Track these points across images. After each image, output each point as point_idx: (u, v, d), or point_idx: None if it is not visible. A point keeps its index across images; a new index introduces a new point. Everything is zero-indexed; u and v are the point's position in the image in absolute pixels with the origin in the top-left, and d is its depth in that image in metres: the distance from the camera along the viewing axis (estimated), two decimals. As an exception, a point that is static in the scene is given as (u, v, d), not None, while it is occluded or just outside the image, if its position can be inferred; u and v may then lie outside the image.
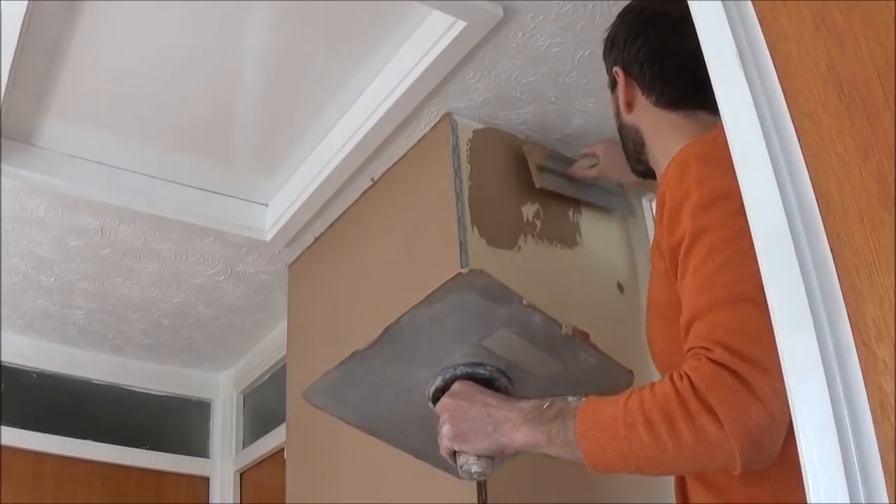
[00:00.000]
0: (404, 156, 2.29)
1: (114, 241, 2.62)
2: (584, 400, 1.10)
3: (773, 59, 0.79)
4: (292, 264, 2.79)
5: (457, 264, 1.96)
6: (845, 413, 0.66)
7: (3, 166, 2.23)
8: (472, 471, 1.18)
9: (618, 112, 1.37)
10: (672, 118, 1.28)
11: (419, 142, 2.23)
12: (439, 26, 1.89)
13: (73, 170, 2.34)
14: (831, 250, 0.70)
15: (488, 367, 1.23)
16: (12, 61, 1.89)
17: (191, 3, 1.88)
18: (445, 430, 1.19)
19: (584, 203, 2.24)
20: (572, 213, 2.23)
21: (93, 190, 2.37)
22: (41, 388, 3.27)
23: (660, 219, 1.16)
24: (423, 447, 1.34)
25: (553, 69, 2.01)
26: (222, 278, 2.88)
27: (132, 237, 2.61)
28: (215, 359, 3.53)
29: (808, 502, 0.66)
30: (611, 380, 1.25)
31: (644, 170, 1.37)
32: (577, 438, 1.06)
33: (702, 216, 1.07)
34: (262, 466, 3.37)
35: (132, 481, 3.31)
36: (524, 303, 1.18)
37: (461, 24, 1.84)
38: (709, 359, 0.99)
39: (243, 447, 3.53)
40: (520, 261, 2.08)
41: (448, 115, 2.13)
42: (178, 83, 2.13)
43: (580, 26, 1.88)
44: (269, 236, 2.62)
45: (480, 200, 2.08)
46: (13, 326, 3.13)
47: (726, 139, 1.13)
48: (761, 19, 0.81)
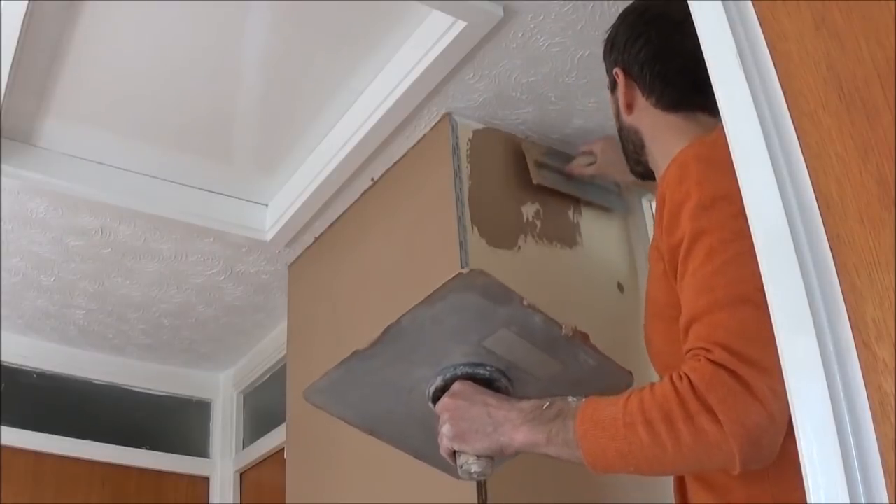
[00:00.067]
0: (404, 156, 2.29)
1: (114, 241, 2.62)
2: (584, 400, 1.10)
3: (773, 59, 0.79)
4: (292, 264, 2.79)
5: (457, 264, 1.96)
6: (845, 413, 0.66)
7: (3, 166, 2.23)
8: (471, 471, 1.18)
9: (618, 113, 1.37)
10: (672, 120, 1.28)
11: (419, 142, 2.23)
12: (439, 26, 1.89)
13: (73, 170, 2.34)
14: (831, 250, 0.70)
15: (488, 368, 1.23)
16: (12, 61, 1.89)
17: (191, 3, 1.88)
18: (445, 429, 1.19)
19: (584, 202, 2.25)
20: (572, 212, 2.23)
21: (93, 190, 2.38)
22: (41, 388, 3.27)
23: (659, 220, 1.16)
24: (423, 447, 1.34)
25: (553, 69, 2.01)
26: (222, 278, 2.88)
27: (132, 237, 2.61)
28: (215, 359, 3.53)
29: (808, 502, 0.66)
30: (610, 381, 1.25)
31: (643, 171, 1.37)
32: (577, 438, 1.06)
33: (701, 217, 1.07)
34: (262, 466, 3.37)
35: (132, 481, 3.31)
36: (524, 303, 1.18)
37: (461, 24, 1.84)
38: (708, 360, 0.99)
39: (243, 447, 3.52)
40: (520, 261, 2.08)
41: (448, 115, 2.13)
42: (178, 83, 2.13)
43: (580, 26, 1.88)
44: (269, 236, 2.62)
45: (480, 200, 2.08)
46: (13, 326, 3.13)
47: (727, 140, 1.14)
48: (761, 19, 0.81)
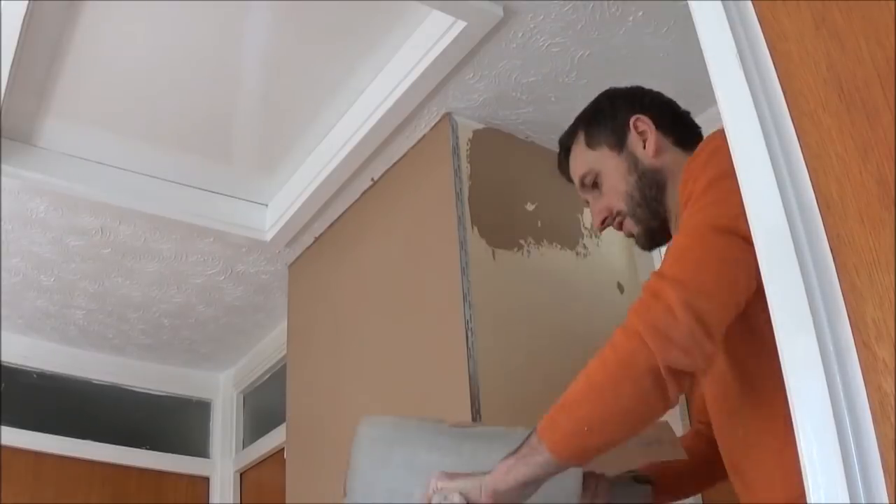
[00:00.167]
0: (404, 156, 2.29)
1: (114, 241, 2.62)
2: None
3: (773, 59, 0.79)
4: (292, 264, 2.79)
5: (457, 264, 1.96)
6: (845, 413, 0.65)
7: (3, 166, 2.23)
8: (446, 497, 1.13)
9: (634, 164, 1.37)
10: (686, 155, 1.31)
11: (419, 142, 2.23)
12: (439, 26, 1.89)
13: (73, 170, 2.34)
14: (831, 250, 0.70)
15: None
16: (12, 61, 1.89)
17: (191, 4, 1.88)
18: (433, 476, 1.15)
19: None
20: (572, 212, 2.23)
21: (93, 190, 2.38)
22: (41, 388, 3.27)
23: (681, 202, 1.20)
24: None
25: (553, 69, 2.01)
26: (222, 278, 2.88)
27: (132, 237, 2.61)
28: (215, 359, 3.53)
29: (808, 502, 0.66)
30: None
31: (659, 224, 1.37)
32: (539, 438, 1.08)
33: (708, 192, 1.12)
34: (262, 466, 3.37)
35: (132, 481, 3.31)
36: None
37: (461, 24, 1.84)
38: (644, 289, 1.08)
39: (243, 447, 3.53)
40: (520, 260, 2.08)
41: (448, 115, 2.13)
42: (179, 83, 2.13)
43: (580, 26, 1.88)
44: (269, 236, 2.62)
45: (480, 200, 2.08)
46: (13, 326, 3.13)
47: None
48: (761, 19, 0.81)
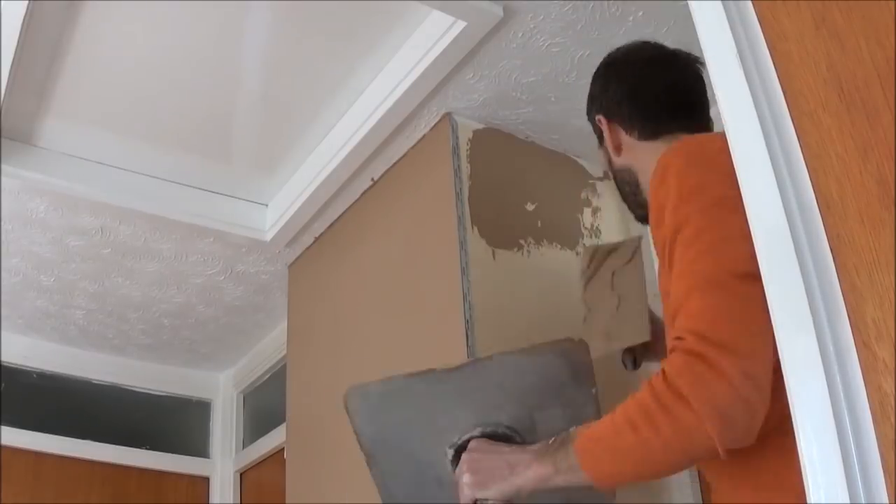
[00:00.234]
0: (404, 156, 2.29)
1: (114, 241, 2.62)
2: (581, 425, 1.14)
3: (773, 59, 0.79)
4: (292, 264, 2.79)
5: (457, 264, 1.96)
6: (845, 413, 0.65)
7: (3, 166, 2.22)
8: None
9: (610, 160, 1.42)
10: (657, 146, 1.33)
11: (419, 142, 2.23)
12: (439, 26, 1.89)
13: (73, 170, 2.34)
14: (831, 250, 0.70)
15: (520, 438, 1.26)
16: (12, 61, 1.89)
17: (191, 4, 1.88)
18: (466, 479, 1.22)
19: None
20: (572, 212, 2.23)
21: (93, 190, 2.38)
22: (41, 388, 3.27)
23: (651, 220, 1.21)
24: (406, 494, 1.37)
25: (553, 69, 2.01)
26: (222, 278, 2.88)
27: (132, 237, 2.61)
28: (215, 359, 3.53)
29: (808, 502, 0.66)
30: None
31: (644, 214, 1.39)
32: (578, 459, 1.09)
33: (679, 211, 1.12)
34: (262, 466, 3.36)
35: (132, 481, 3.31)
36: (593, 391, 1.23)
37: (461, 24, 1.84)
38: (682, 349, 1.02)
39: (243, 447, 3.52)
40: (520, 260, 2.07)
41: (448, 115, 2.13)
42: (179, 83, 2.13)
43: (580, 26, 1.88)
44: (269, 236, 2.62)
45: (480, 200, 2.08)
46: (13, 326, 3.13)
47: (706, 139, 1.20)
48: (761, 19, 0.81)
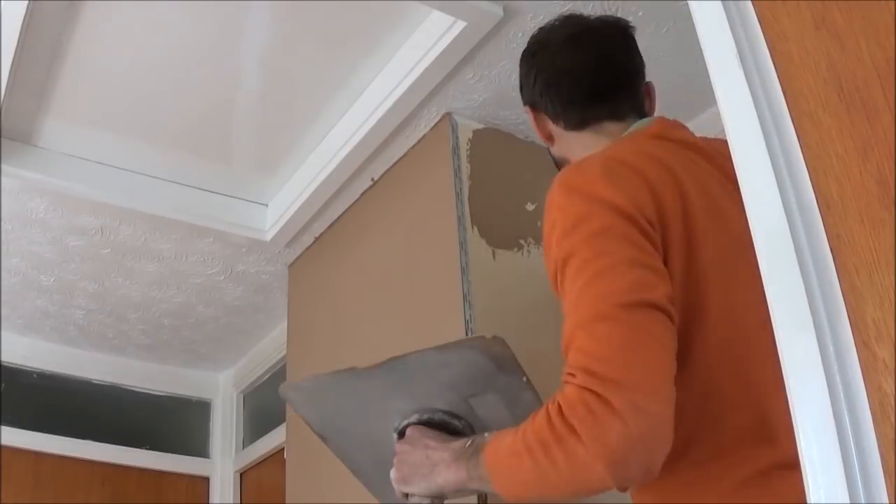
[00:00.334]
0: (404, 156, 2.29)
1: (114, 241, 2.62)
2: (493, 434, 1.11)
3: (773, 59, 0.78)
4: (292, 264, 2.79)
5: (457, 264, 1.96)
6: (845, 413, 0.65)
7: (3, 166, 2.23)
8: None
9: (549, 150, 1.39)
10: (584, 137, 1.31)
11: (419, 142, 2.23)
12: (439, 26, 1.89)
13: (73, 170, 2.34)
14: (831, 250, 0.70)
15: (462, 422, 1.26)
16: (12, 61, 1.89)
17: (191, 4, 1.88)
18: (393, 473, 1.22)
19: None
20: (572, 213, 2.23)
21: (93, 190, 2.38)
22: (41, 388, 3.27)
23: (544, 250, 1.20)
24: (365, 468, 1.43)
25: (553, 69, 2.01)
26: (222, 278, 2.88)
27: (132, 237, 2.61)
28: (215, 359, 3.53)
29: (808, 502, 0.66)
30: None
31: None
32: (487, 471, 1.07)
33: (564, 242, 1.10)
34: (262, 466, 3.37)
35: (132, 481, 3.31)
36: (524, 379, 1.22)
37: (461, 24, 1.84)
38: (573, 384, 0.99)
39: (243, 447, 3.53)
40: (520, 261, 2.07)
41: (448, 115, 2.13)
42: (179, 83, 2.13)
43: (580, 26, 1.88)
44: (269, 236, 2.62)
45: (480, 200, 2.07)
46: (13, 326, 3.13)
47: (589, 166, 1.15)
48: (761, 19, 0.81)
